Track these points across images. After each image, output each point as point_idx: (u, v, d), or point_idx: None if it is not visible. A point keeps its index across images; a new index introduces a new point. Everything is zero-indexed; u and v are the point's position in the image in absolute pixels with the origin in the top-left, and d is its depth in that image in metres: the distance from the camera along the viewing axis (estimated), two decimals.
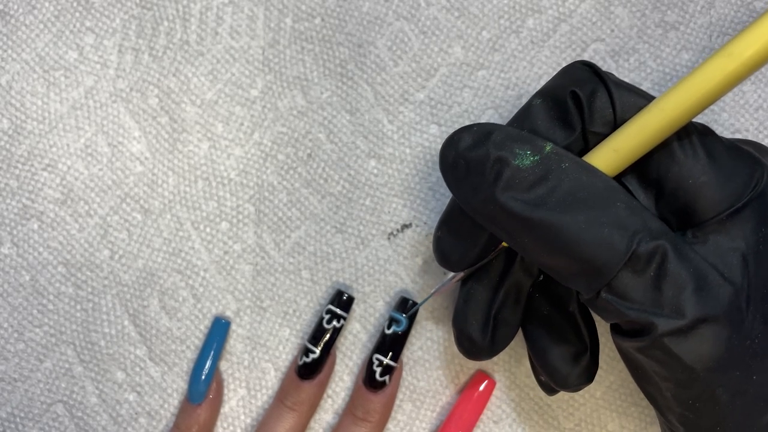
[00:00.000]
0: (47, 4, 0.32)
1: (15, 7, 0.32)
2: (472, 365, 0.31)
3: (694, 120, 0.22)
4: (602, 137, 0.22)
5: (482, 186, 0.21)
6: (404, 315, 0.29)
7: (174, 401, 0.32)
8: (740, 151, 0.22)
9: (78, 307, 0.32)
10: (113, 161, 0.32)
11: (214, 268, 0.32)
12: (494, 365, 0.31)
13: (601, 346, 0.30)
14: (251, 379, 0.32)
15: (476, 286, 0.26)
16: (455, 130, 0.22)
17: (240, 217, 0.32)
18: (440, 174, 0.27)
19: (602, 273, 0.20)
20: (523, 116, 0.23)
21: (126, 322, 0.32)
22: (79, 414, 0.32)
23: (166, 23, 0.32)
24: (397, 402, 0.31)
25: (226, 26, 0.32)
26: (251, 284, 0.32)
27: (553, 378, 0.26)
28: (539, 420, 0.31)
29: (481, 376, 0.31)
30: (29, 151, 0.32)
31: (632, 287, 0.20)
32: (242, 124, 0.32)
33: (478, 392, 0.30)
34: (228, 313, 0.32)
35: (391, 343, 0.30)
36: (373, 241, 0.31)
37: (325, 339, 0.30)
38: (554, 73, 0.24)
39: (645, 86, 0.31)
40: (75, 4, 0.32)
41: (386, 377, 0.29)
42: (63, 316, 0.32)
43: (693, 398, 0.21)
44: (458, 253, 0.25)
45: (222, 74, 0.32)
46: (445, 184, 0.23)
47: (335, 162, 0.32)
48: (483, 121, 0.32)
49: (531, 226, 0.20)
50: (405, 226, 0.31)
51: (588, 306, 0.22)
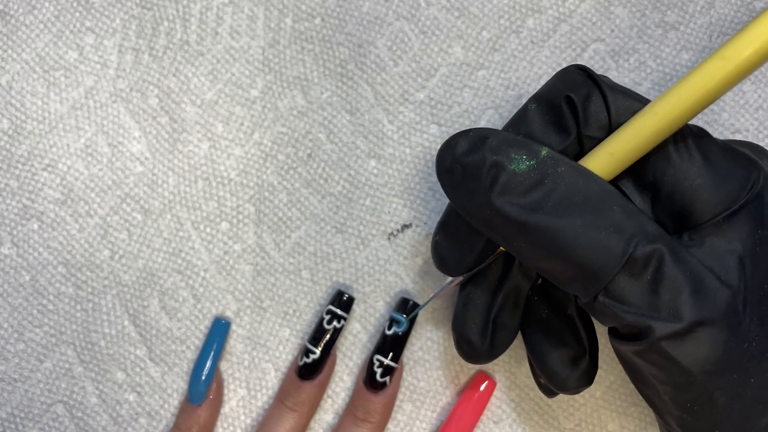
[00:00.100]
0: (47, 4, 0.32)
1: (15, 7, 0.32)
2: (473, 366, 0.31)
3: (690, 122, 0.22)
4: (597, 141, 0.22)
5: (478, 191, 0.21)
6: (404, 316, 0.29)
7: (174, 401, 0.32)
8: (736, 153, 0.22)
9: (78, 308, 0.32)
10: (113, 161, 0.32)
11: (214, 268, 0.32)
12: (494, 366, 0.31)
13: (601, 347, 0.30)
14: (251, 380, 0.32)
15: (475, 290, 0.26)
16: (451, 135, 0.23)
17: (240, 217, 0.32)
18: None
19: (599, 277, 0.20)
20: (519, 121, 0.23)
21: (126, 323, 0.32)
22: (80, 414, 0.32)
23: (166, 23, 0.32)
24: (397, 402, 0.31)
25: (226, 26, 0.32)
26: (251, 284, 0.32)
27: (553, 381, 0.26)
28: (539, 420, 0.31)
29: (482, 377, 0.31)
30: (29, 152, 0.32)
31: (629, 291, 0.20)
32: (242, 124, 0.32)
33: (479, 393, 0.30)
34: (228, 313, 0.32)
35: (392, 344, 0.30)
36: (373, 241, 0.31)
37: (326, 339, 0.30)
38: (553, 74, 0.24)
39: (645, 86, 0.31)
40: (75, 4, 0.32)
41: (387, 378, 0.29)
42: (63, 317, 0.32)
43: (691, 401, 0.21)
44: (456, 258, 0.25)
45: (222, 74, 0.32)
46: (442, 189, 0.23)
47: (335, 162, 0.32)
48: (481, 125, 0.32)
49: (527, 231, 0.20)
50: (405, 226, 0.31)
51: (586, 310, 0.22)
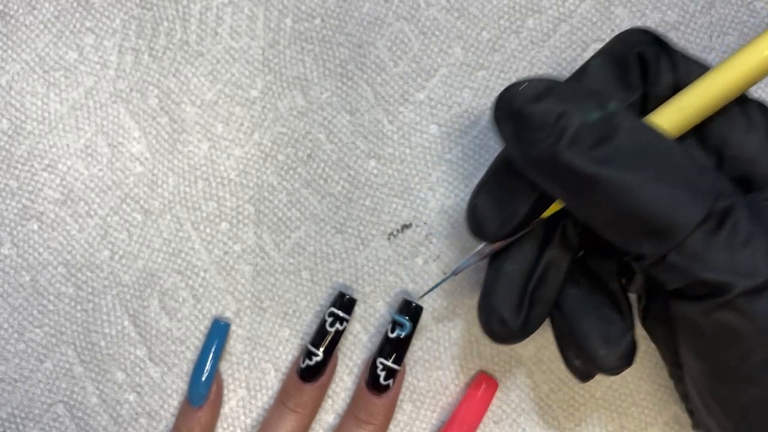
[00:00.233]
0: (47, 5, 0.32)
1: (15, 8, 0.32)
2: (473, 365, 0.31)
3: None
4: (660, 102, 0.22)
5: (544, 141, 0.20)
6: (407, 318, 0.29)
7: (174, 402, 0.32)
8: None
9: (78, 308, 0.32)
10: (113, 162, 0.32)
11: (214, 269, 0.32)
12: (494, 366, 0.31)
13: None
14: (251, 380, 0.32)
15: (509, 263, 0.24)
16: (513, 82, 0.21)
17: (240, 218, 0.32)
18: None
19: (673, 234, 0.19)
20: (580, 76, 0.23)
21: (126, 323, 0.32)
22: (80, 414, 0.32)
23: (166, 23, 0.32)
24: (398, 402, 0.31)
25: (226, 26, 0.32)
26: (251, 285, 0.32)
27: (593, 360, 0.24)
28: (539, 420, 0.31)
29: (484, 378, 0.30)
30: (29, 152, 0.32)
31: (706, 248, 0.19)
32: (242, 125, 0.32)
33: (481, 394, 0.30)
34: (228, 314, 0.32)
35: (395, 347, 0.29)
36: (373, 242, 0.31)
37: (328, 342, 0.29)
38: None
39: None
40: (75, 5, 0.32)
41: (390, 381, 0.29)
42: (63, 317, 0.32)
43: (761, 362, 0.20)
44: (498, 221, 0.23)
45: (222, 75, 0.32)
46: (500, 137, 0.21)
47: (335, 162, 0.32)
48: (481, 126, 0.31)
49: (597, 185, 0.19)
50: (405, 226, 0.31)
51: (645, 272, 0.21)
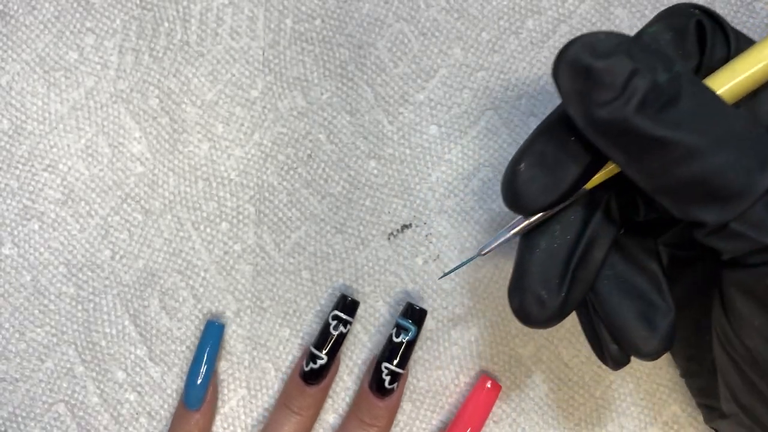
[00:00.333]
0: (47, 5, 0.32)
1: (15, 8, 0.32)
2: (473, 365, 0.31)
3: None
4: (710, 72, 0.21)
5: (613, 102, 0.19)
6: (410, 321, 0.29)
7: (174, 401, 0.32)
8: None
9: (79, 308, 0.32)
10: (114, 162, 0.32)
11: (215, 269, 0.32)
12: (494, 365, 0.31)
13: None
14: (251, 379, 0.32)
15: (547, 239, 0.23)
16: (582, 35, 0.20)
17: (240, 218, 0.32)
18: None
19: (740, 200, 0.19)
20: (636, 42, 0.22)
21: (126, 322, 0.32)
22: (81, 414, 0.32)
23: (167, 24, 0.32)
24: None
25: (227, 27, 0.32)
26: (251, 284, 0.32)
27: (633, 344, 0.23)
28: (539, 420, 0.31)
29: (487, 380, 0.30)
30: (30, 152, 0.32)
31: None
32: (242, 125, 0.32)
33: (485, 396, 0.30)
34: (228, 313, 0.32)
35: (400, 351, 0.29)
36: (373, 242, 0.32)
37: (332, 344, 0.29)
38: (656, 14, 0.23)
39: None
40: (75, 5, 0.32)
41: (395, 384, 0.29)
42: (64, 317, 0.32)
43: None
44: (543, 187, 0.22)
45: (222, 75, 0.32)
46: (559, 94, 0.20)
47: (335, 162, 0.32)
48: (480, 126, 0.31)
49: (666, 149, 0.19)
50: (405, 226, 0.32)
51: (703, 240, 0.21)
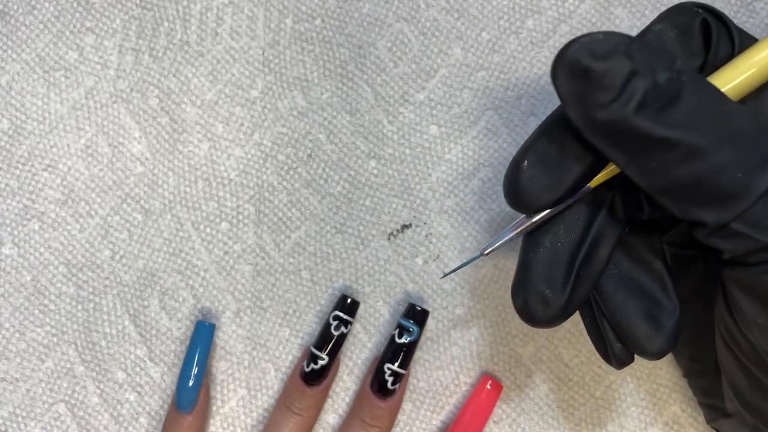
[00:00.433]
0: (47, 5, 0.32)
1: (15, 8, 0.32)
2: (473, 365, 0.31)
3: None
4: (714, 71, 0.21)
5: (612, 104, 0.19)
6: (412, 321, 0.29)
7: None
8: None
9: (79, 307, 0.32)
10: (114, 162, 0.32)
11: (214, 269, 0.32)
12: (494, 365, 0.31)
13: None
14: (251, 380, 0.32)
15: (551, 237, 0.23)
16: (580, 36, 0.20)
17: (240, 218, 0.32)
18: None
19: (741, 200, 0.19)
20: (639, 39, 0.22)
21: (126, 322, 0.32)
22: (81, 413, 0.32)
23: (167, 24, 0.32)
24: None
25: (227, 27, 0.32)
26: (251, 284, 0.32)
27: (638, 343, 0.23)
28: (539, 420, 0.31)
29: (488, 380, 0.30)
30: (30, 152, 0.32)
31: None
32: (242, 125, 0.32)
33: (486, 396, 0.30)
34: (228, 313, 0.32)
35: (402, 352, 0.29)
36: (373, 242, 0.32)
37: (332, 345, 0.30)
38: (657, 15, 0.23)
39: None
40: (75, 5, 0.32)
41: (396, 385, 0.29)
42: (64, 316, 0.32)
43: None
44: (545, 186, 0.21)
45: (222, 75, 0.32)
46: (559, 95, 0.20)
47: (335, 162, 0.32)
48: (480, 126, 0.31)
49: (666, 149, 0.19)
50: (405, 226, 0.32)
51: (704, 240, 0.21)
